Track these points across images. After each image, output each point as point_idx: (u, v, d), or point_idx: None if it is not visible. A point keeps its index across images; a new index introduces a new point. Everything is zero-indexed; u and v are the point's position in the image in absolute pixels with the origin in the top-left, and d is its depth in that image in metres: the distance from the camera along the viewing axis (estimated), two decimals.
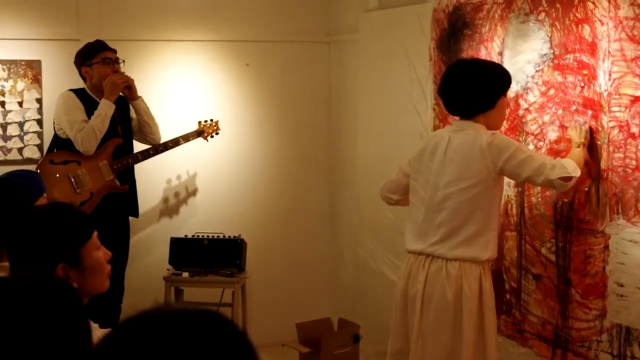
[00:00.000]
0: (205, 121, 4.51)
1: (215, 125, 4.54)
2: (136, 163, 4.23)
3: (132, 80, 4.16)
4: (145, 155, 4.24)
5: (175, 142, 4.33)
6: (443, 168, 3.01)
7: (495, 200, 3.00)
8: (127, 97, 4.18)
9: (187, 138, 4.39)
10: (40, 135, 4.38)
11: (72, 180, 4.04)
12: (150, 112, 4.27)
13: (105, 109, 4.04)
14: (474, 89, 2.99)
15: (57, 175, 4.01)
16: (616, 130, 2.93)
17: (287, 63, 4.94)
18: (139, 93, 4.28)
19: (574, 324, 3.16)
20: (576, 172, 2.89)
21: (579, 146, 2.99)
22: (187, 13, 4.68)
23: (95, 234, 2.00)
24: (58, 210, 1.99)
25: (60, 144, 4.10)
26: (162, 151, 4.28)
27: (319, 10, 4.98)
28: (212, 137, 4.52)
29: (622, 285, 2.94)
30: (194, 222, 4.71)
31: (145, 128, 4.25)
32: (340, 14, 4.90)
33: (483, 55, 3.56)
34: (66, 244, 1.92)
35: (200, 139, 4.49)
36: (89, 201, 4.05)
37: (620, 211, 2.94)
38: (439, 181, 3.01)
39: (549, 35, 3.19)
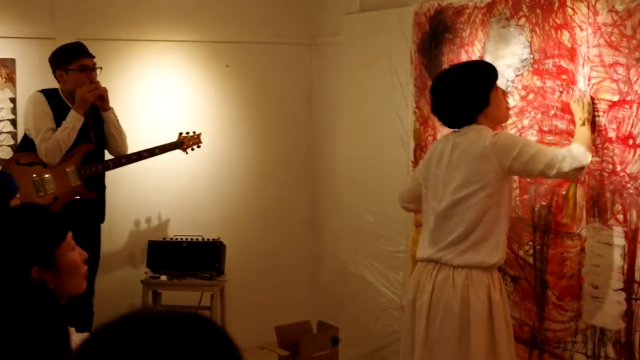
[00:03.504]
0: (187, 133, 4.35)
1: (196, 138, 4.37)
2: (106, 171, 4.11)
3: (106, 90, 4.03)
4: (116, 163, 4.10)
5: (150, 152, 4.16)
6: (450, 174, 2.94)
7: (504, 202, 2.91)
8: (98, 107, 4.06)
9: (164, 149, 4.22)
10: (14, 135, 4.28)
11: (35, 183, 3.94)
12: (120, 125, 4.13)
13: (73, 122, 3.92)
14: (461, 94, 2.93)
15: (20, 177, 3.90)
16: (594, 135, 2.97)
17: (268, 65, 4.94)
18: (116, 95, 4.22)
19: (550, 325, 3.19)
20: (587, 159, 2.79)
21: (583, 123, 2.90)
22: (167, 13, 4.65)
23: (70, 234, 1.95)
24: (31, 211, 1.93)
25: (30, 144, 3.99)
26: (135, 160, 4.13)
27: (301, 12, 4.98)
28: (192, 149, 4.36)
29: (596, 287, 2.99)
30: (172, 224, 4.68)
31: (111, 140, 4.13)
32: (322, 16, 4.91)
33: (464, 59, 3.58)
34: (40, 246, 1.87)
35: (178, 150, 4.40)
36: (51, 205, 3.90)
37: (596, 214, 2.98)
38: (446, 188, 2.95)
39: (529, 40, 3.23)
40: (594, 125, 2.94)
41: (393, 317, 4.12)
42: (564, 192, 3.12)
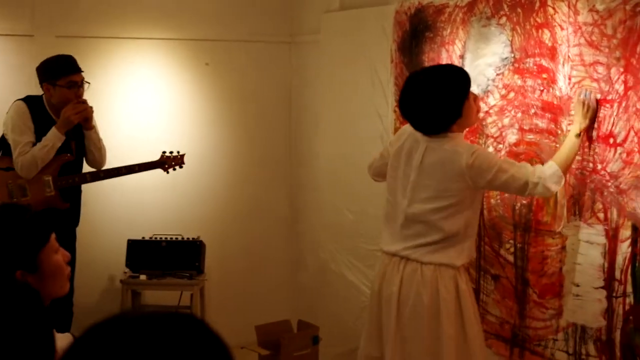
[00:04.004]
0: (171, 152, 4.29)
1: (180, 159, 4.30)
2: (83, 183, 4.07)
3: (92, 111, 3.97)
4: (94, 177, 4.06)
5: (129, 170, 4.12)
6: (420, 180, 2.97)
7: (475, 210, 2.98)
8: (82, 125, 4.00)
9: (144, 167, 4.17)
10: None
11: (9, 188, 3.89)
12: (101, 142, 4.09)
13: (53, 140, 3.87)
14: (433, 107, 2.91)
15: None
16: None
17: (248, 63, 4.92)
18: (95, 92, 4.17)
19: (531, 323, 3.21)
20: (559, 184, 2.85)
21: (579, 134, 2.87)
22: (146, 10, 4.62)
23: (53, 236, 1.89)
24: (12, 213, 1.87)
25: (7, 148, 3.94)
26: (114, 176, 4.10)
27: (280, 10, 4.97)
28: (174, 169, 4.31)
29: (578, 285, 3.00)
30: (152, 223, 4.64)
31: (89, 155, 4.09)
32: (302, 14, 4.89)
33: (444, 58, 3.59)
34: (23, 249, 1.81)
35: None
36: None
37: (577, 213, 3.00)
38: (416, 193, 2.98)
39: (510, 39, 3.24)
40: (591, 129, 2.90)
41: None
42: None
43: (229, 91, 4.89)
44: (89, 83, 3.98)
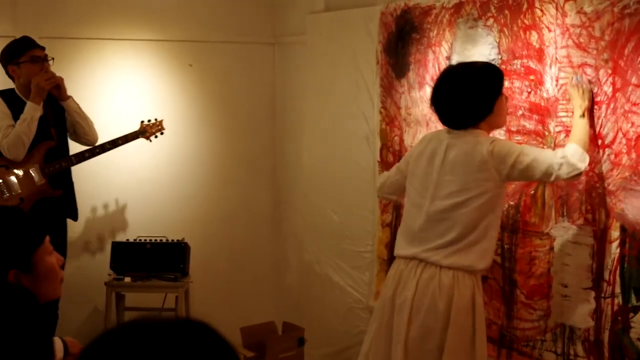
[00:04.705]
0: (149, 121, 4.33)
1: (159, 125, 4.35)
2: (70, 166, 4.05)
3: (61, 79, 3.97)
4: (80, 158, 4.05)
5: (113, 144, 4.12)
6: (442, 177, 2.91)
7: (499, 208, 2.90)
8: (56, 97, 4.00)
9: (126, 139, 4.18)
10: None
11: (0, 185, 3.88)
12: (83, 112, 4.09)
13: (31, 112, 3.85)
14: (466, 100, 2.87)
15: None
16: (562, 135, 3.00)
17: (232, 64, 4.90)
18: (79, 94, 4.15)
19: (519, 324, 3.22)
20: (584, 163, 2.75)
21: (583, 114, 2.82)
22: (129, 12, 4.59)
23: (48, 239, 1.94)
24: (8, 214, 1.92)
25: None
26: (99, 153, 4.09)
27: (264, 11, 4.95)
28: (155, 137, 4.34)
29: (566, 286, 3.02)
30: (136, 225, 4.61)
31: (78, 129, 4.09)
32: (286, 15, 4.88)
33: (431, 60, 3.60)
34: (18, 249, 1.86)
35: (141, 140, 4.34)
36: (18, 207, 3.87)
37: (565, 214, 3.01)
38: (438, 191, 2.91)
39: (497, 40, 3.25)
40: (591, 113, 2.87)
41: (359, 317, 4.12)
42: (532, 192, 3.14)
43: (212, 92, 4.87)
44: (53, 58, 3.98)
